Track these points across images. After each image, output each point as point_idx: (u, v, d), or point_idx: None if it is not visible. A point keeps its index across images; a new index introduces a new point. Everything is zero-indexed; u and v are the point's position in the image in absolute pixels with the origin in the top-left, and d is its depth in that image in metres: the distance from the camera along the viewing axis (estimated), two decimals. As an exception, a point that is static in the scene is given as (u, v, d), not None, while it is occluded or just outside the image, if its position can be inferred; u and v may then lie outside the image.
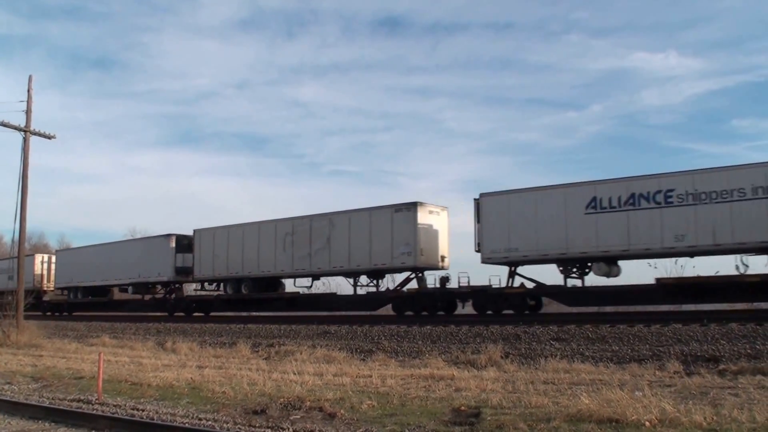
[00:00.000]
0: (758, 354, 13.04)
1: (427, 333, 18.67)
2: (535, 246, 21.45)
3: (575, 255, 20.89)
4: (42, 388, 12.26)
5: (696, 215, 18.82)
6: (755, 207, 17.93)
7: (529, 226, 21.54)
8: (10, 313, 25.06)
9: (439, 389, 10.83)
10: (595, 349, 14.99)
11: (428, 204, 24.64)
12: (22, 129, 24.84)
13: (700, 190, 18.89)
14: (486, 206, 22.65)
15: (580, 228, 20.60)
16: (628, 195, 20.01)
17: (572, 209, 20.82)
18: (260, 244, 28.65)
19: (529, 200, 21.93)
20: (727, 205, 18.35)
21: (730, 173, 18.69)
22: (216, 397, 10.41)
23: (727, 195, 18.42)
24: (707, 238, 18.63)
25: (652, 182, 19.76)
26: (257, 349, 19.43)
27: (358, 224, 25.47)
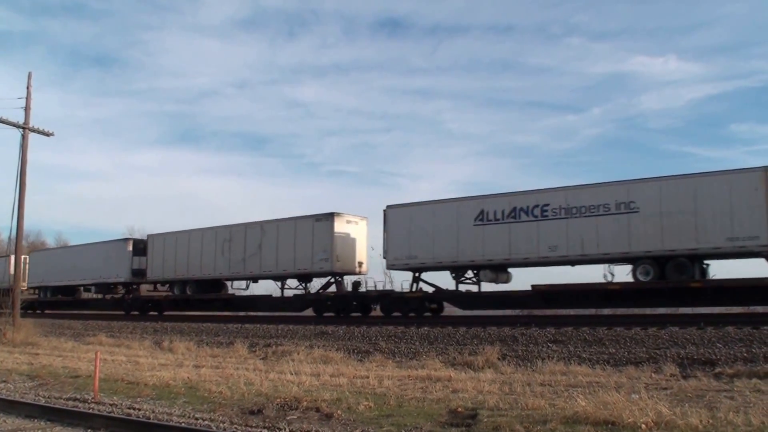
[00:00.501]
0: (754, 357, 13.05)
1: (424, 334, 18.68)
2: (431, 254, 23.37)
3: (465, 263, 22.81)
4: (38, 387, 12.24)
5: (567, 228, 20.65)
6: (618, 221, 19.76)
7: (426, 236, 23.42)
8: (7, 311, 25.04)
9: (436, 390, 10.83)
10: (592, 352, 15.01)
11: (346, 214, 26.72)
12: (20, 126, 24.80)
13: (572, 205, 20.73)
14: (391, 217, 24.51)
15: (469, 238, 22.42)
16: (510, 209, 21.87)
17: (463, 221, 22.64)
18: (203, 249, 30.92)
19: (427, 212, 23.76)
20: (594, 219, 20.14)
21: (597, 190, 20.56)
22: (213, 397, 10.41)
23: (595, 210, 20.22)
24: (576, 249, 20.50)
25: (531, 197, 21.62)
26: (254, 349, 19.42)
27: (285, 232, 27.56)
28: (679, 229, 18.92)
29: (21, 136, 24.86)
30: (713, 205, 18.49)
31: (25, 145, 24.85)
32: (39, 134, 25.55)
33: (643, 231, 19.41)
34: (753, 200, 17.84)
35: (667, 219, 19.09)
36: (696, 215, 18.71)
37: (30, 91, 25.19)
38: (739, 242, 18.12)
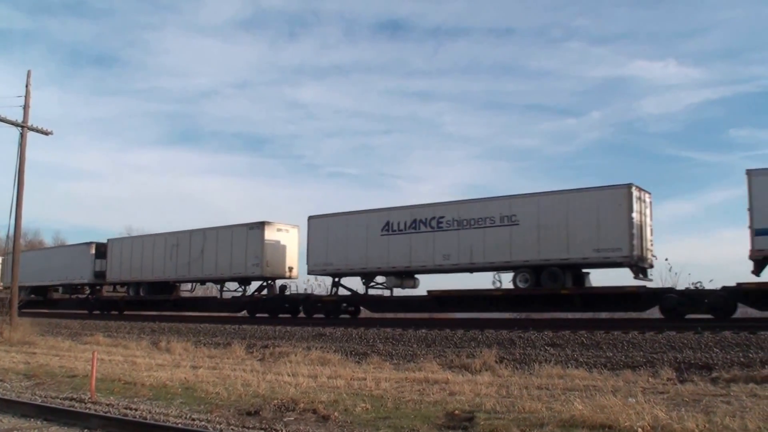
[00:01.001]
0: (751, 362, 13.05)
1: (422, 336, 18.68)
2: (345, 261, 25.54)
3: (373, 269, 24.98)
4: (34, 386, 12.22)
5: (459, 239, 22.55)
6: (501, 233, 21.62)
7: (341, 245, 25.60)
8: (4, 310, 25.00)
9: (434, 393, 10.84)
10: (589, 355, 15.02)
11: (277, 223, 29.11)
12: (19, 124, 24.79)
13: (463, 217, 22.59)
14: (312, 227, 26.99)
15: (377, 247, 24.53)
16: (411, 220, 23.87)
17: (372, 232, 24.76)
18: (154, 254, 33.20)
19: (342, 223, 25.92)
20: (482, 231, 22.04)
21: (484, 204, 22.50)
22: (209, 398, 10.40)
23: (482, 222, 22.13)
24: (466, 258, 22.39)
25: (428, 210, 23.67)
26: (252, 350, 19.40)
27: (223, 239, 29.99)
28: (553, 241, 20.66)
29: (20, 134, 24.85)
30: (583, 219, 20.23)
31: (24, 144, 24.84)
32: (38, 133, 25.54)
33: (522, 242, 21.25)
34: (617, 215, 19.66)
35: (544, 231, 20.88)
36: (568, 228, 20.49)
37: (29, 89, 25.18)
38: (604, 253, 19.88)
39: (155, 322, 28.02)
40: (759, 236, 17.89)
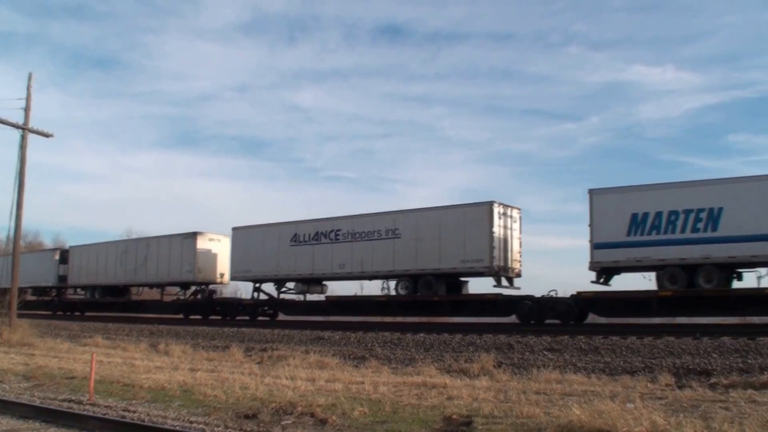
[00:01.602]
0: (750, 368, 13.07)
1: (420, 341, 18.67)
2: (261, 269, 28.33)
3: (284, 276, 27.86)
4: (33, 388, 12.21)
5: (352, 250, 25.26)
6: (386, 245, 24.22)
7: (258, 254, 28.37)
8: (3, 311, 24.98)
9: (431, 397, 10.83)
10: (587, 360, 15.01)
11: (209, 233, 31.99)
12: (20, 127, 24.82)
13: (356, 230, 25.28)
14: (235, 237, 30.18)
15: (286, 256, 27.36)
16: (314, 233, 26.68)
17: (283, 242, 27.57)
18: (107, 260, 36.20)
19: (259, 234, 28.83)
20: (371, 243, 24.63)
21: (374, 218, 25.09)
22: (207, 401, 10.39)
23: (371, 235, 24.72)
24: (358, 267, 25.15)
25: (328, 224, 26.52)
26: (250, 353, 19.38)
27: (163, 247, 32.87)
28: (428, 253, 23.12)
29: (21, 136, 24.89)
30: (452, 233, 22.63)
31: (25, 146, 24.88)
32: (38, 135, 25.57)
33: (403, 253, 23.75)
34: (479, 230, 22.06)
35: (420, 244, 23.43)
36: (440, 241, 22.89)
37: (30, 92, 25.21)
38: (469, 264, 22.30)
39: (154, 324, 28.05)
40: (597, 249, 20.39)
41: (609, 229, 20.19)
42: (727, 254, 18.59)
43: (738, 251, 18.46)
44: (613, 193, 20.59)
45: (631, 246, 19.86)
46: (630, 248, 19.87)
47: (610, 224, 20.21)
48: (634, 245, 19.82)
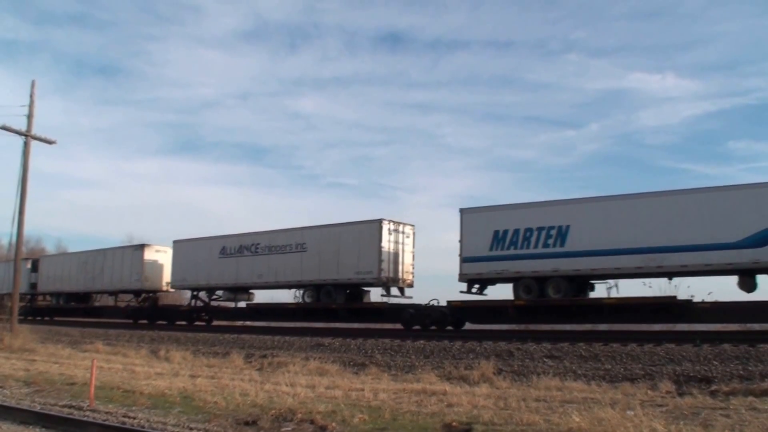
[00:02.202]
0: (750, 375, 13.03)
1: (420, 347, 18.65)
2: (196, 278, 31.03)
3: (214, 286, 30.56)
4: (34, 393, 12.23)
5: (269, 261, 27.95)
6: (295, 257, 26.95)
7: (193, 265, 31.09)
8: (4, 317, 25.01)
9: (431, 404, 10.82)
10: (587, 367, 14.98)
11: (155, 245, 34.99)
12: (23, 133, 24.94)
13: (272, 244, 27.99)
14: (175, 249, 32.95)
15: (216, 268, 30.04)
16: (239, 246, 29.34)
17: (213, 254, 30.28)
18: (71, 270, 39.09)
19: (194, 246, 31.61)
20: (284, 256, 27.37)
21: (286, 233, 27.84)
22: (207, 407, 10.40)
23: (284, 248, 27.50)
24: (273, 277, 27.87)
25: (249, 238, 29.18)
26: (250, 359, 19.38)
27: (117, 258, 35.91)
28: (329, 265, 25.59)
29: (24, 143, 25.00)
30: (349, 247, 25.09)
31: (28, 152, 25.01)
32: (41, 142, 25.68)
33: (309, 265, 26.34)
34: (370, 245, 24.39)
35: (323, 257, 25.90)
36: (339, 254, 25.37)
37: (33, 99, 25.35)
38: (362, 275, 24.59)
39: (155, 330, 28.07)
40: (465, 263, 22.34)
41: (475, 245, 22.20)
42: (572, 267, 20.50)
43: (581, 265, 20.37)
44: (480, 212, 22.67)
45: (492, 260, 21.89)
46: (492, 262, 21.90)
47: (476, 240, 22.21)
48: (495, 259, 21.85)
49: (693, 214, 19.11)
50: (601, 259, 20.07)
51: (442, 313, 23.02)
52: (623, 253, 19.77)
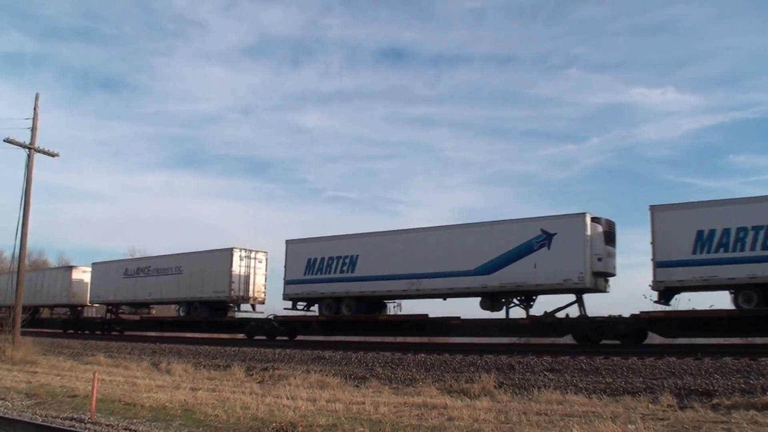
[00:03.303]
0: (752, 389, 13.00)
1: (421, 361, 18.64)
2: (107, 295, 37.48)
3: (119, 301, 37.04)
4: (35, 405, 12.26)
5: (157, 281, 34.11)
6: (174, 279, 33.15)
7: (106, 284, 37.08)
8: (7, 329, 25.03)
9: (432, 418, 10.83)
10: (588, 381, 14.95)
11: (81, 267, 40.78)
12: (26, 146, 25.10)
13: (159, 267, 34.22)
14: (93, 270, 39.25)
15: (121, 286, 36.14)
16: (136, 268, 35.96)
17: (119, 275, 36.49)
18: (7, 286, 40.44)
19: (108, 267, 37.94)
20: (167, 277, 33.46)
21: (168, 258, 34.17)
22: (208, 420, 10.42)
23: (168, 271, 33.66)
24: (159, 295, 34.22)
25: (144, 261, 36.77)
26: (251, 372, 19.37)
27: (52, 277, 41.89)
28: (196, 285, 31.57)
29: (27, 156, 25.16)
30: (211, 270, 30.90)
31: (31, 165, 25.14)
32: (44, 155, 25.85)
33: (183, 285, 32.29)
34: (224, 268, 30.47)
35: (192, 278, 31.80)
36: (203, 276, 31.17)
37: (37, 112, 25.52)
38: (217, 294, 30.72)
39: (156, 343, 28.07)
40: (287, 284, 28.30)
41: (295, 270, 27.48)
42: (360, 290, 25.48)
43: (368, 288, 25.23)
44: (297, 243, 28.02)
45: (307, 282, 27.10)
46: (307, 284, 27.11)
47: (296, 266, 27.42)
48: (308, 282, 27.07)
49: (441, 247, 23.65)
50: (381, 283, 24.98)
51: (273, 326, 27.67)
52: (393, 278, 24.54)
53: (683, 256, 19.37)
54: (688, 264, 19.33)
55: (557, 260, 21.02)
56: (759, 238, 18.43)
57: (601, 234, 21.17)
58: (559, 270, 20.92)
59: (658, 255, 19.77)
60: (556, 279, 21.04)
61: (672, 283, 19.65)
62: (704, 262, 19.14)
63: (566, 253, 20.90)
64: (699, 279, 19.20)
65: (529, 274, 21.51)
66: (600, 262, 20.90)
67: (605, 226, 21.40)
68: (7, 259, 46.38)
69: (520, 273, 21.71)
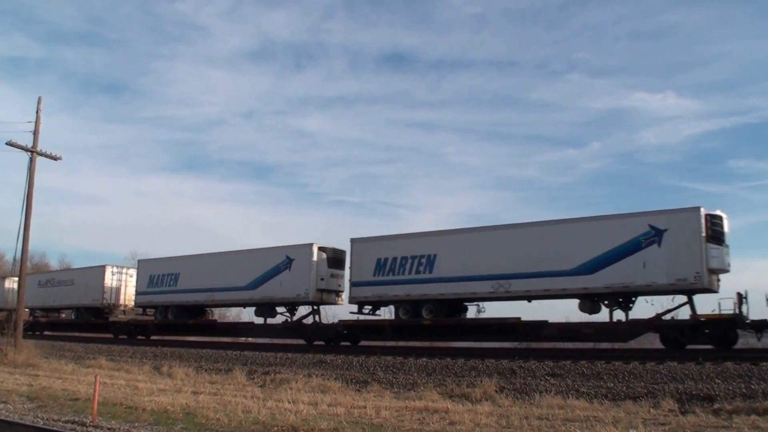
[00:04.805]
0: (753, 394, 12.99)
1: (422, 365, 18.63)
2: (31, 301, 39.79)
3: (36, 306, 42.53)
4: (37, 409, 12.28)
5: (59, 291, 40.78)
6: (70, 289, 39.79)
7: (29, 291, 35.92)
8: (9, 332, 25.05)
9: (433, 422, 10.84)
10: (590, 386, 14.94)
11: (13, 277, 41.26)
12: (28, 149, 25.17)
13: (60, 279, 41.69)
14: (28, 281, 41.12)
15: (37, 294, 41.34)
16: (46, 280, 42.73)
17: (36, 285, 41.54)
18: None
19: (32, 279, 40.29)
20: (65, 287, 40.37)
21: (67, 272, 43.20)
22: (210, 424, 10.44)
23: (64, 283, 40.79)
24: (59, 302, 41.05)
25: (53, 275, 44.30)
26: (253, 376, 19.38)
27: None
28: (83, 294, 38.17)
29: (29, 159, 25.22)
30: (90, 282, 37.69)
31: (33, 168, 25.19)
32: (47, 158, 25.92)
33: (75, 294, 38.95)
34: (97, 281, 37.25)
35: (80, 289, 38.68)
36: (87, 287, 37.83)
37: (39, 115, 25.60)
38: (95, 302, 37.16)
39: (158, 347, 28.08)
40: (137, 295, 36.05)
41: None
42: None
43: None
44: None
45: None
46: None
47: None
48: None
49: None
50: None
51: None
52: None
53: (367, 278, 24.94)
54: (370, 284, 24.93)
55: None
56: (413, 265, 23.92)
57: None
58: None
59: (353, 276, 25.53)
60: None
61: (360, 298, 25.36)
62: (379, 282, 24.67)
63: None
64: (376, 296, 24.87)
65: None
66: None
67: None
68: (9, 263, 47.59)
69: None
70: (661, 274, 19.23)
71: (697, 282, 18.72)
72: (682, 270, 18.93)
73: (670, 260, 19.14)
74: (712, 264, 18.94)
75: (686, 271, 18.89)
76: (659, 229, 19.48)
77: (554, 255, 20.98)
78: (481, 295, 22.85)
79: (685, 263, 18.93)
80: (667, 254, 19.21)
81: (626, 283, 19.77)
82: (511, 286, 21.73)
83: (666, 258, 19.20)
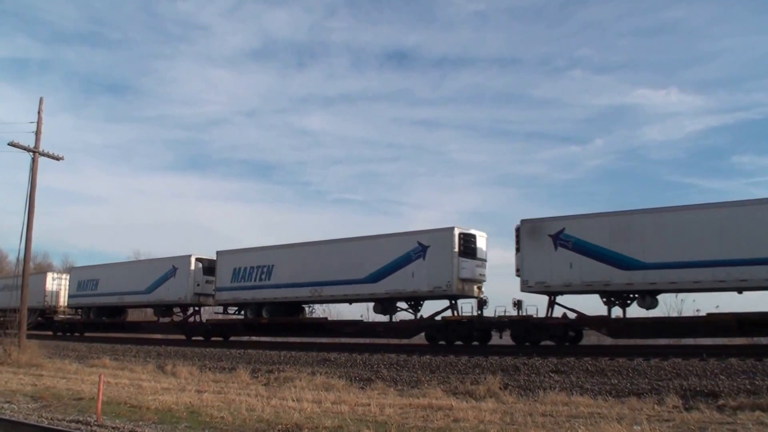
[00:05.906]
0: (757, 390, 12.97)
1: (426, 362, 18.63)
2: None
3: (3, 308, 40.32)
4: (41, 408, 12.29)
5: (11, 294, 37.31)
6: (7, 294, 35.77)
7: None
8: (12, 331, 25.09)
9: (437, 419, 10.84)
10: (594, 382, 14.94)
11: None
12: (31, 150, 25.16)
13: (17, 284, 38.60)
14: None
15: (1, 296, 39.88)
16: (3, 285, 40.94)
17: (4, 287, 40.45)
18: None
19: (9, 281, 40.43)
20: (8, 292, 34.35)
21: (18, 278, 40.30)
22: (214, 422, 10.44)
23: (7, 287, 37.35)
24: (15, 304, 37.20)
25: (7, 280, 39.78)
26: (257, 374, 19.39)
27: None
28: (33, 297, 34.18)
29: (31, 159, 25.22)
30: (36, 287, 38.88)
31: (35, 169, 25.19)
32: (49, 158, 25.92)
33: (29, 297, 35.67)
34: (39, 286, 40.62)
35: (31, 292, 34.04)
36: (35, 292, 37.15)
37: (41, 115, 25.56)
38: (39, 304, 40.49)
39: (162, 345, 28.14)
40: None
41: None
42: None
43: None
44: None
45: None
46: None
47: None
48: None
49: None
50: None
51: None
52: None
53: (227, 284, 30.39)
54: (229, 289, 30.37)
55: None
56: (258, 274, 29.03)
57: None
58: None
59: (218, 283, 31.04)
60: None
61: (222, 301, 31.12)
62: (235, 288, 30.05)
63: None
64: (233, 299, 30.31)
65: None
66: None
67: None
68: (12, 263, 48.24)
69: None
70: (423, 283, 23.42)
71: (448, 289, 22.70)
72: (438, 279, 22.93)
73: (431, 271, 23.22)
74: (463, 274, 22.85)
75: (441, 280, 22.87)
76: (424, 246, 23.59)
77: (351, 267, 25.49)
78: (303, 299, 27.82)
79: (440, 274, 22.91)
80: (429, 266, 23.31)
81: (399, 290, 24.16)
82: (322, 292, 26.62)
83: (428, 269, 23.31)
